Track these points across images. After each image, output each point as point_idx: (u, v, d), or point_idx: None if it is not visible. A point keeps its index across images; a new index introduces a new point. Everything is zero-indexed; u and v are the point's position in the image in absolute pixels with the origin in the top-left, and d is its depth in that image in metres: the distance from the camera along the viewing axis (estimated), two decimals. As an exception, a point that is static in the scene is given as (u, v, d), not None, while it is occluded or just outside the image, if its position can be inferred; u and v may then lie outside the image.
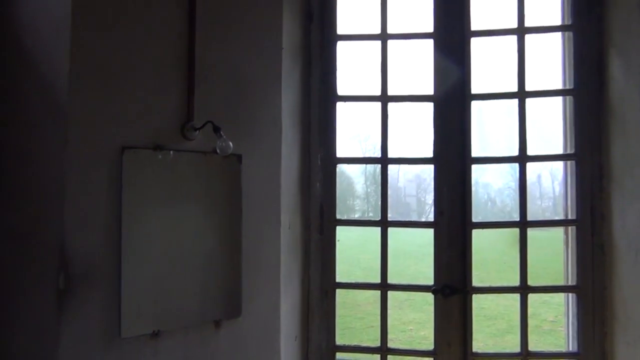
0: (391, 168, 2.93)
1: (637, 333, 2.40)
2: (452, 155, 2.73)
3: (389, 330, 2.81)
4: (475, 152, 2.73)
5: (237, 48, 2.39)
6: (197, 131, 2.23)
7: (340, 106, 2.82)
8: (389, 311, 2.81)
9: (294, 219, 2.63)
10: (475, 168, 2.73)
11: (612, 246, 2.59)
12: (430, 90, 2.77)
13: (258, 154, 2.43)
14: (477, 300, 2.77)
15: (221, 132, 2.20)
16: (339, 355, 2.88)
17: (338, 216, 2.80)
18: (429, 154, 2.76)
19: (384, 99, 2.77)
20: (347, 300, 8.64)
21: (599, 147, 2.67)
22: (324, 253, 2.77)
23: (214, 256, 2.30)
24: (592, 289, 2.66)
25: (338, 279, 2.79)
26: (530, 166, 2.75)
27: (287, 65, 2.57)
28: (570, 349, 2.73)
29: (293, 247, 2.63)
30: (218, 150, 2.22)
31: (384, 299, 2.75)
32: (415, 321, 7.96)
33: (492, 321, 8.22)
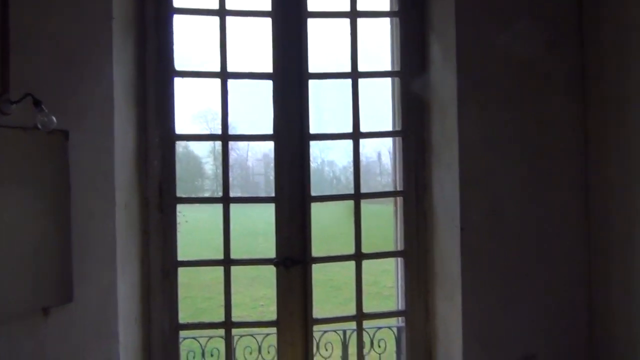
0: (240, 148, 2.97)
1: (452, 288, 2.72)
2: (292, 132, 2.82)
3: (240, 308, 2.87)
4: (314, 130, 2.86)
5: (60, 15, 2.23)
6: (14, 105, 2.04)
7: (182, 83, 2.76)
8: (239, 288, 2.85)
9: (130, 198, 2.54)
10: (320, 147, 2.90)
11: (433, 213, 2.89)
12: (269, 69, 2.82)
13: (88, 130, 2.29)
14: (324, 272, 2.94)
15: (42, 106, 2.04)
16: (183, 333, 2.87)
17: (180, 194, 2.76)
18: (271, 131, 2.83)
19: (224, 75, 2.76)
20: (195, 282, 8.55)
21: (422, 125, 2.95)
22: (165, 232, 2.72)
23: (41, 240, 2.15)
24: (416, 252, 2.95)
25: (181, 258, 2.76)
26: (371, 145, 2.97)
27: (119, 37, 2.45)
28: (399, 307, 3.01)
29: (131, 226, 2.54)
30: (39, 126, 2.05)
31: (227, 274, 2.78)
32: (266, 297, 8.14)
33: (338, 291, 8.73)
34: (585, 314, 2.76)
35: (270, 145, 2.85)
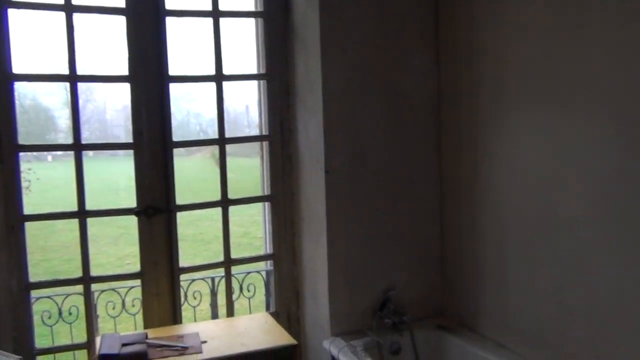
0: (98, 99, 2.75)
1: (318, 230, 2.80)
2: (149, 74, 2.66)
3: (105, 268, 2.72)
4: (174, 73, 2.72)
5: None
6: None
7: (16, 17, 2.46)
8: (103, 248, 2.69)
9: (-39, 146, 2.25)
10: (185, 99, 2.74)
11: (298, 157, 2.93)
12: (122, 3, 2.61)
13: None
14: (194, 226, 2.85)
15: None
16: (35, 293, 2.66)
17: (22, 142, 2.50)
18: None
19: (69, 8, 2.50)
20: (52, 244, 7.97)
21: (287, 68, 2.93)
22: (7, 184, 2.47)
23: None
24: (283, 196, 2.98)
25: (27, 212, 2.53)
26: (239, 97, 2.88)
27: None
28: (268, 251, 3.05)
29: (-37, 178, 2.26)
30: None
31: (83, 227, 2.61)
32: (132, 254, 7.81)
33: (209, 245, 8.64)
34: (438, 248, 3.01)
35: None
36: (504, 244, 2.57)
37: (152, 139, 2.68)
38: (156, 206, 2.69)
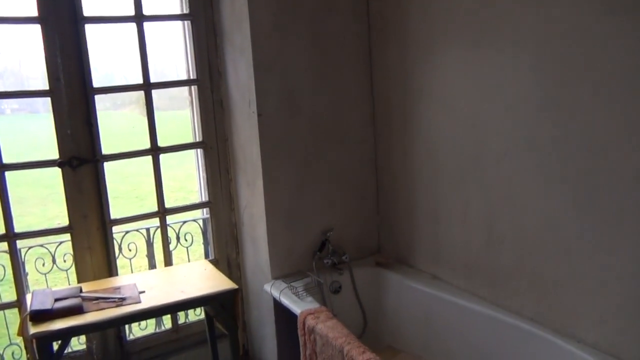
0: (10, 52, 2.50)
1: (253, 175, 2.78)
2: (61, 14, 2.48)
3: (34, 228, 2.58)
4: (89, 13, 2.55)
5: None
6: None
7: None
8: (30, 209, 2.55)
9: None
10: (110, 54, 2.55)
11: (229, 100, 2.85)
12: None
13: None
14: (128, 183, 2.76)
15: None
16: (-46, 254, 2.52)
17: None
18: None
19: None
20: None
21: (212, 7, 2.81)
22: None
23: None
24: (215, 142, 2.92)
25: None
26: (163, 43, 2.72)
27: None
28: (203, 199, 3.00)
29: None
30: None
31: (3, 181, 2.46)
32: (62, 215, 7.54)
33: (143, 201, 8.45)
34: (374, 189, 3.07)
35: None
36: (437, 181, 2.64)
37: (70, 85, 2.53)
38: (81, 156, 2.57)
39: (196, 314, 3.13)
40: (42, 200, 8.59)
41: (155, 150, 2.76)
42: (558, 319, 2.12)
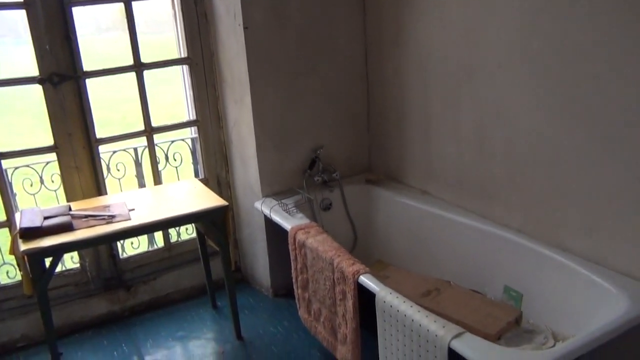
0: None
1: (241, 91, 2.71)
2: None
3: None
4: None
5: None
6: None
7: None
8: (15, 139, 2.48)
9: None
10: None
11: (214, 13, 2.74)
12: None
13: None
14: (116, 110, 2.69)
15: None
16: (-62, 174, 2.49)
17: None
18: None
19: None
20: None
21: None
22: None
23: None
24: (201, 57, 2.83)
25: None
26: None
27: None
28: (191, 118, 2.95)
29: None
30: None
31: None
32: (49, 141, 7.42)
33: (133, 127, 8.35)
34: (365, 105, 3.02)
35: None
36: (429, 95, 2.60)
37: (46, -3, 2.41)
38: (61, 73, 2.49)
39: (188, 233, 3.16)
40: (30, 129, 8.46)
41: (138, 67, 2.68)
42: (546, 231, 2.16)
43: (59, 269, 2.77)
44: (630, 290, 1.79)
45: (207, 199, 2.50)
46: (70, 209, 2.38)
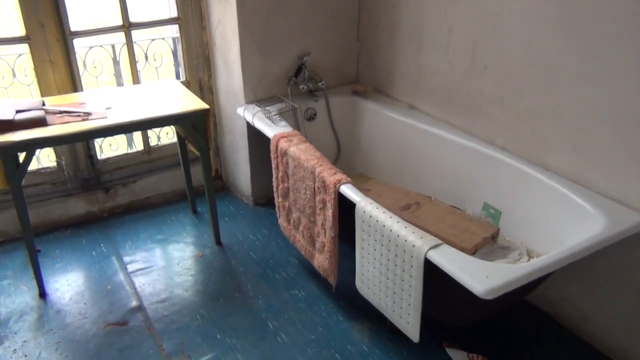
0: None
1: (227, -12, 2.57)
2: None
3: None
4: None
5: None
6: None
7: None
8: None
9: None
10: None
11: None
12: None
13: None
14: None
15: None
16: None
17: None
18: None
19: None
20: None
21: None
22: None
23: None
24: (184, -51, 2.65)
25: None
26: None
27: None
28: (172, 15, 2.81)
29: None
30: None
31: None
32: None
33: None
34: (355, 11, 2.89)
35: None
36: (421, 2, 2.48)
37: None
38: (32, -44, 2.32)
39: (168, 137, 3.10)
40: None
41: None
42: (530, 149, 2.14)
43: (35, 166, 2.73)
44: (607, 211, 1.81)
45: (188, 101, 2.43)
46: (44, 104, 2.30)
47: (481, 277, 1.49)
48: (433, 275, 1.62)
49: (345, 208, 1.98)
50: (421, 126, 2.55)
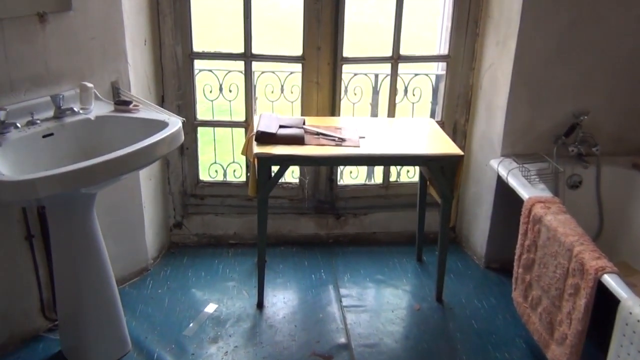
0: None
1: (506, 31, 2.54)
2: None
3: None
4: None
5: None
6: None
7: None
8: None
9: None
10: None
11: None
12: None
13: None
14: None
15: None
16: (198, 64, 2.83)
17: None
18: None
19: None
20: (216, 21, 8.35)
21: None
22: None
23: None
24: (469, -15, 2.70)
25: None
26: None
27: None
28: (441, 52, 2.87)
29: None
30: None
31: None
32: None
33: (370, 36, 8.54)
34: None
35: None
36: None
37: None
38: (324, -16, 2.59)
39: (409, 176, 3.16)
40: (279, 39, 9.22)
41: (400, -12, 2.66)
42: None
43: (280, 180, 3.01)
44: None
45: (442, 144, 2.44)
46: (304, 123, 2.52)
47: None
48: None
49: (599, 299, 1.77)
50: None
